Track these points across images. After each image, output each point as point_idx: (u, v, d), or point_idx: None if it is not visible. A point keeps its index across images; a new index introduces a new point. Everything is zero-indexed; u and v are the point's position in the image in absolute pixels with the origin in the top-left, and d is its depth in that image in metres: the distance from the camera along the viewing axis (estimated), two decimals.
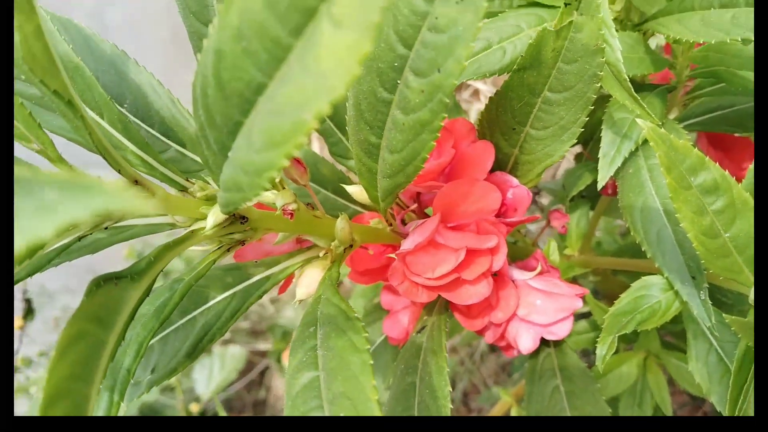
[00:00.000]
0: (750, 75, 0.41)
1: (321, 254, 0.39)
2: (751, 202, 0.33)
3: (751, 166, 0.37)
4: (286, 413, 0.27)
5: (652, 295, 0.40)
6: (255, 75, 0.20)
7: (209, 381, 1.17)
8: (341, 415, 0.25)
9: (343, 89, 0.16)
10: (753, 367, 0.33)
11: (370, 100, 0.31)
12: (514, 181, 0.44)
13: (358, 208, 0.51)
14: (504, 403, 0.59)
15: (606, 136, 0.41)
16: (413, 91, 0.29)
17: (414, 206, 0.45)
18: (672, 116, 0.52)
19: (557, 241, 0.58)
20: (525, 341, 0.44)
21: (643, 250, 0.40)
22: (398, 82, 0.30)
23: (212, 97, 0.22)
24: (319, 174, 0.50)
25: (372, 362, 0.25)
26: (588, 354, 1.03)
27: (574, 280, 0.58)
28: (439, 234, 0.38)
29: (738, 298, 0.43)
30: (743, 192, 0.32)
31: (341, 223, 0.37)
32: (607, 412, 0.43)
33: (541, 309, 0.43)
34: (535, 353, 0.50)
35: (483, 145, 0.43)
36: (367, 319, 0.52)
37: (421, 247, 0.37)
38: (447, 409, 0.37)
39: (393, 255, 0.38)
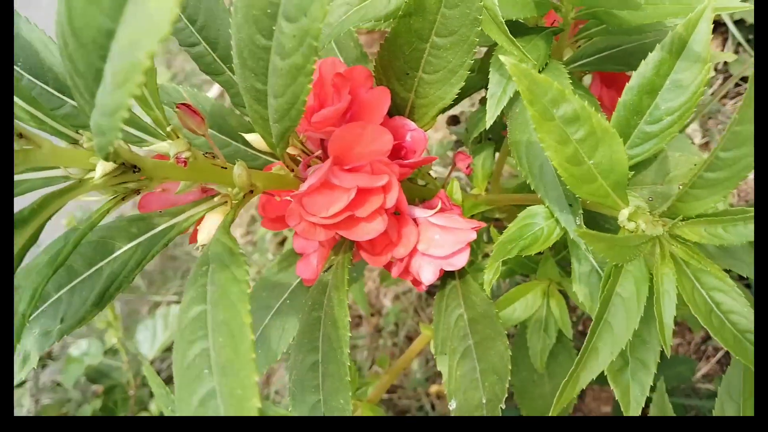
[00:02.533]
0: (626, 14, 0.44)
1: (224, 201, 0.41)
2: (611, 129, 0.36)
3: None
4: (175, 344, 0.29)
5: (535, 223, 0.43)
6: (103, 21, 0.21)
7: (153, 342, 1.18)
8: (220, 340, 0.27)
9: (167, 27, 0.18)
10: (618, 279, 0.36)
11: (251, 47, 0.33)
12: (412, 124, 0.47)
13: (269, 158, 0.52)
14: (424, 337, 0.62)
15: (493, 77, 0.44)
16: (286, 36, 0.30)
17: (319, 152, 0.46)
18: (566, 58, 0.55)
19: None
20: (426, 273, 0.47)
21: (528, 183, 0.43)
22: (273, 28, 0.31)
23: (71, 46, 0.23)
24: (228, 126, 0.51)
25: (249, 291, 0.27)
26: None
27: (483, 217, 0.61)
28: (333, 175, 0.40)
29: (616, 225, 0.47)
30: (603, 121, 0.35)
31: (238, 170, 0.39)
32: (503, 332, 0.47)
33: (440, 243, 0.46)
34: (442, 285, 0.53)
35: (380, 90, 0.45)
36: (284, 263, 0.54)
37: (315, 188, 0.39)
38: (346, 338, 0.39)
39: (289, 197, 0.39)
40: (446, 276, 0.54)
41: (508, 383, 0.46)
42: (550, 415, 0.36)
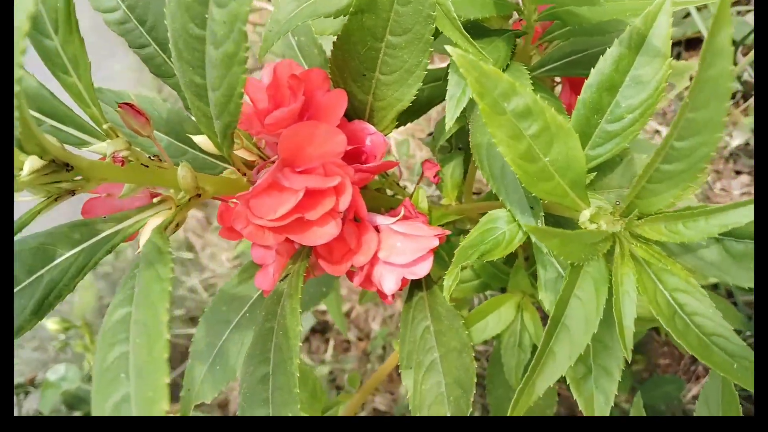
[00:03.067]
0: (586, 11, 0.43)
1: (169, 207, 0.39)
2: (566, 125, 0.34)
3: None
4: (96, 347, 0.27)
5: (497, 228, 0.41)
6: None
7: None
8: (137, 341, 0.25)
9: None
10: (577, 281, 0.34)
11: (185, 38, 0.31)
12: (372, 128, 0.45)
13: (228, 166, 0.51)
14: (396, 354, 0.60)
15: (452, 78, 0.42)
16: (217, 23, 0.29)
17: (275, 157, 0.45)
18: (534, 63, 0.54)
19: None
20: (388, 282, 0.45)
21: (489, 186, 0.42)
22: (206, 16, 0.30)
23: None
24: (185, 132, 0.50)
25: (170, 289, 0.26)
26: None
27: (454, 228, 0.59)
28: (284, 177, 0.39)
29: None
30: (557, 116, 0.34)
31: (182, 171, 0.37)
32: (468, 345, 0.45)
33: (401, 250, 0.44)
34: (410, 298, 0.52)
35: (336, 93, 0.43)
36: (243, 275, 0.52)
37: (262, 189, 0.37)
38: (297, 348, 0.37)
39: (235, 200, 0.38)
40: (413, 288, 0.52)
41: (485, 399, 0.44)
42: (510, 412, 0.34)
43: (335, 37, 0.41)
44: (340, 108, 0.43)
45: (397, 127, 0.58)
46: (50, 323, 1.14)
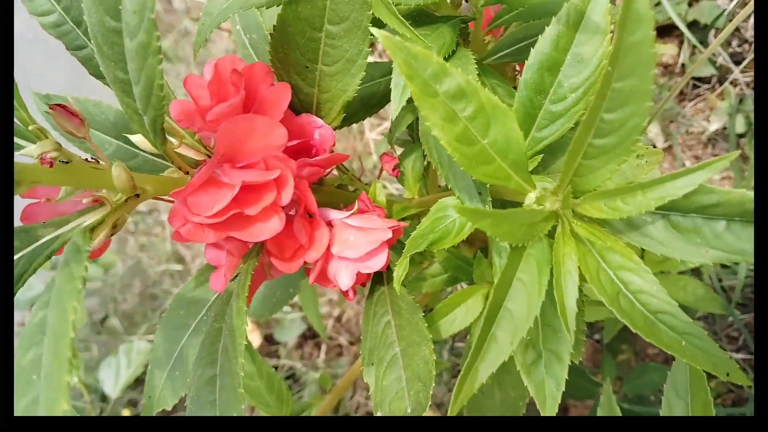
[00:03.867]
0: None
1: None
2: (503, 105, 0.33)
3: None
4: (15, 352, 0.26)
5: (447, 216, 0.40)
6: None
7: (116, 380, 1.14)
8: (47, 342, 0.24)
9: None
10: (519, 264, 0.33)
11: (103, 31, 0.31)
12: (319, 121, 0.44)
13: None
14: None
15: (395, 67, 0.42)
16: (129, 13, 0.28)
17: None
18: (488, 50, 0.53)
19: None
20: (343, 278, 0.44)
21: (438, 174, 0.41)
22: (120, 7, 0.29)
23: None
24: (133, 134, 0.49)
25: (82, 288, 0.25)
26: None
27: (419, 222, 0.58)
28: (223, 173, 0.38)
29: None
30: (492, 96, 0.33)
31: (116, 170, 0.36)
32: (428, 337, 0.44)
33: (354, 244, 0.44)
34: (371, 293, 0.51)
35: (280, 86, 0.42)
36: (200, 279, 0.51)
37: (200, 185, 0.37)
38: (242, 347, 0.36)
39: (170, 197, 0.37)
40: (375, 283, 0.51)
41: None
42: (448, 415, 0.33)
43: None
44: (283, 101, 0.42)
45: (356, 122, 0.57)
46: None
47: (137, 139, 0.41)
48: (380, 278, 0.51)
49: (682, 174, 0.29)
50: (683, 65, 1.07)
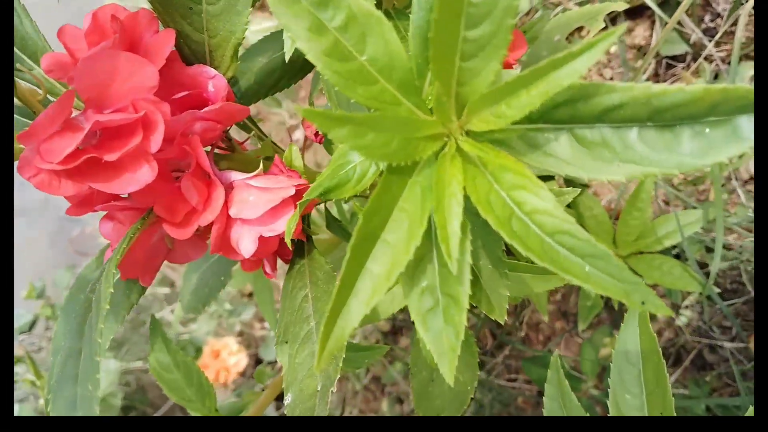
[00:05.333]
0: None
1: None
2: (377, 13, 0.29)
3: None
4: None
5: (348, 162, 0.36)
6: None
7: None
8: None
9: None
10: (403, 192, 0.29)
11: None
12: (212, 71, 0.40)
13: None
14: None
15: None
16: None
17: None
18: None
19: None
20: (246, 243, 0.40)
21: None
22: None
23: None
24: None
25: None
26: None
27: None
28: (86, 119, 0.34)
29: None
30: (362, 3, 0.29)
31: None
32: None
33: (253, 204, 0.39)
34: (291, 267, 0.46)
35: (164, 32, 0.39)
36: (101, 258, 0.47)
37: (56, 132, 0.33)
38: (104, 312, 0.32)
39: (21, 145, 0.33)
40: (296, 257, 0.47)
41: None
42: (316, 366, 0.28)
43: None
44: (165, 47, 0.38)
45: (280, 89, 0.53)
46: None
47: None
48: (301, 251, 0.46)
49: (565, 60, 0.24)
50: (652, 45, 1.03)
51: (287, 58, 0.37)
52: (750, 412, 0.38)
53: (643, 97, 0.26)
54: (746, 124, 0.25)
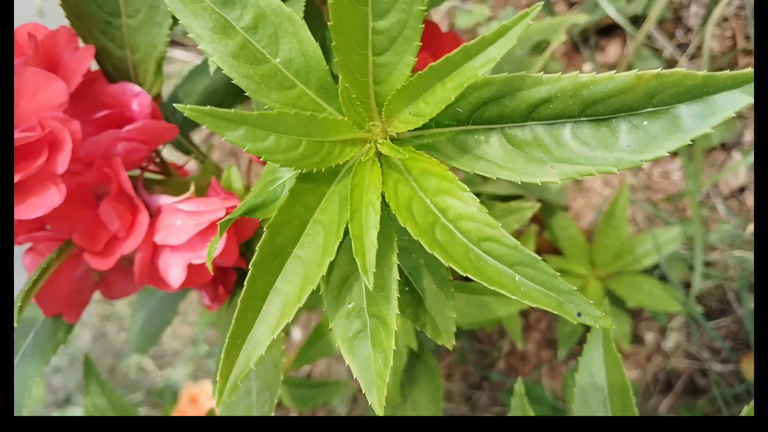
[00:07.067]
0: None
1: None
2: (287, 11, 0.27)
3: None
4: None
5: (278, 178, 0.33)
6: None
7: None
8: None
9: None
10: (321, 203, 0.26)
11: None
12: (136, 88, 0.38)
13: None
14: None
15: None
16: None
17: None
18: None
19: None
20: (174, 272, 0.37)
21: None
22: None
23: None
24: None
25: None
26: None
27: None
28: None
29: None
30: (272, 0, 0.27)
31: None
32: (280, 337, 0.36)
33: (179, 229, 0.36)
34: (231, 299, 0.43)
35: (82, 49, 0.36)
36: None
37: None
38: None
39: None
40: (237, 286, 0.43)
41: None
42: (216, 402, 0.25)
43: None
44: (83, 64, 0.36)
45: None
46: None
47: None
48: (243, 280, 0.43)
49: (479, 47, 0.22)
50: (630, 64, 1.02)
51: (212, 71, 0.34)
52: None
53: (572, 88, 0.23)
54: (686, 113, 0.23)
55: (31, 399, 0.41)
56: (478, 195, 0.24)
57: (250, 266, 0.23)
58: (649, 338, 0.95)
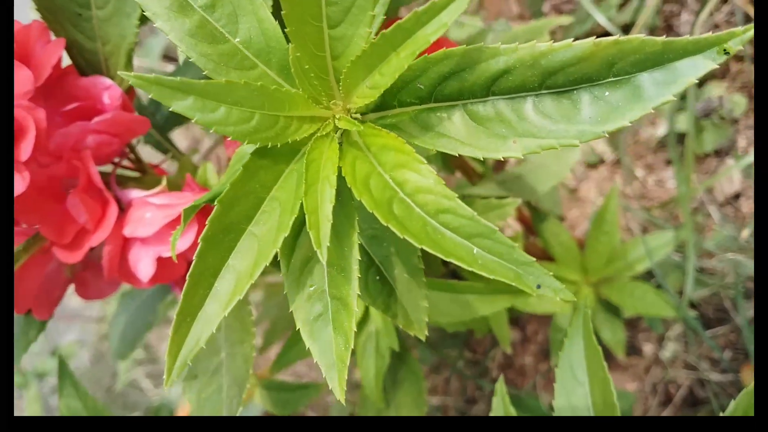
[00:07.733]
0: None
1: None
2: None
3: None
4: None
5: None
6: None
7: None
8: None
9: None
10: (279, 181, 0.26)
11: None
12: (107, 81, 0.38)
13: None
14: None
15: None
16: None
17: None
18: None
19: None
20: (143, 266, 0.36)
21: None
22: None
23: None
24: None
25: None
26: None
27: None
28: None
29: None
30: None
31: None
32: (251, 333, 0.35)
33: (149, 221, 0.36)
34: None
35: (53, 42, 0.36)
36: None
37: None
38: None
39: None
40: None
41: None
42: (165, 382, 0.24)
43: None
44: (53, 56, 0.35)
45: None
46: None
47: None
48: None
49: (431, 13, 0.21)
50: None
51: (180, 60, 0.34)
52: None
53: (530, 58, 0.23)
54: (647, 82, 0.22)
55: None
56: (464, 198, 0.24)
57: (199, 240, 0.23)
58: (647, 350, 0.93)
